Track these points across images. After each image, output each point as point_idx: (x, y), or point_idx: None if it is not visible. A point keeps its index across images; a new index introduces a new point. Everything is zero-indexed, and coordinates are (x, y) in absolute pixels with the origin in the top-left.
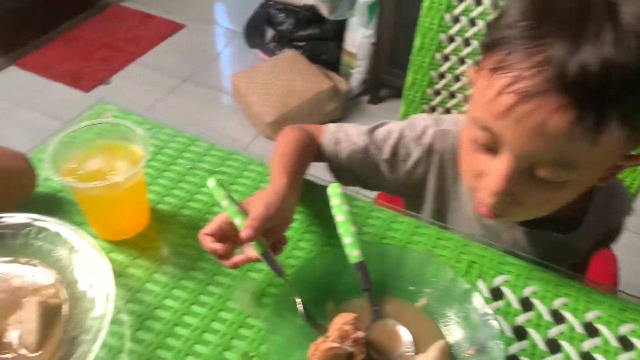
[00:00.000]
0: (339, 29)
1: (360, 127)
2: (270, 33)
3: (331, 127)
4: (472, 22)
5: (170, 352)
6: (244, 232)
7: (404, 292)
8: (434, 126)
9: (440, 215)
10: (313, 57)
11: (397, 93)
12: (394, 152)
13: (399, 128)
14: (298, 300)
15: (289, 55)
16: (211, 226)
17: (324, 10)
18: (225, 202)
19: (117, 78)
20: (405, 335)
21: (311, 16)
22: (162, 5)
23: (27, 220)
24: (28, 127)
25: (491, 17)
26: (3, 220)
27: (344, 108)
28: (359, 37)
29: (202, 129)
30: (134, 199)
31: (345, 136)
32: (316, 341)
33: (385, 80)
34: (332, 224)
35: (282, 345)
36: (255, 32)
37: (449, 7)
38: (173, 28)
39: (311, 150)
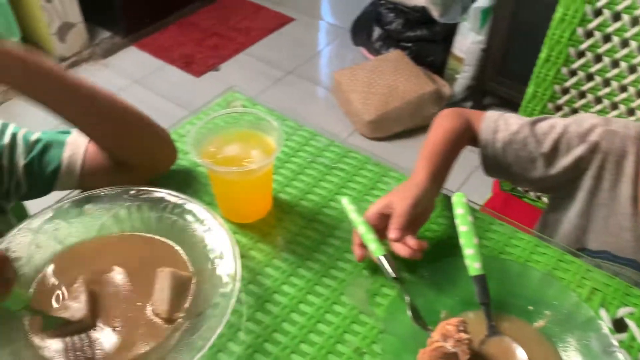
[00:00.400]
0: (448, 32)
1: (522, 117)
2: (377, 32)
3: (492, 114)
4: (607, 38)
5: (285, 337)
6: (393, 234)
7: (522, 311)
8: (603, 125)
9: (587, 216)
10: (418, 58)
11: (501, 102)
12: (555, 146)
13: (563, 123)
14: (407, 298)
15: (394, 55)
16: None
17: (435, 13)
18: (361, 228)
19: (225, 66)
20: (521, 354)
21: (421, 17)
22: None
23: (165, 196)
24: (143, 106)
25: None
26: (144, 193)
27: None
28: (468, 42)
29: (301, 122)
30: (262, 186)
31: (505, 125)
32: (424, 348)
33: (491, 88)
34: (452, 232)
35: (396, 346)
36: (362, 30)
37: (583, 21)
38: (282, 21)
39: (465, 137)
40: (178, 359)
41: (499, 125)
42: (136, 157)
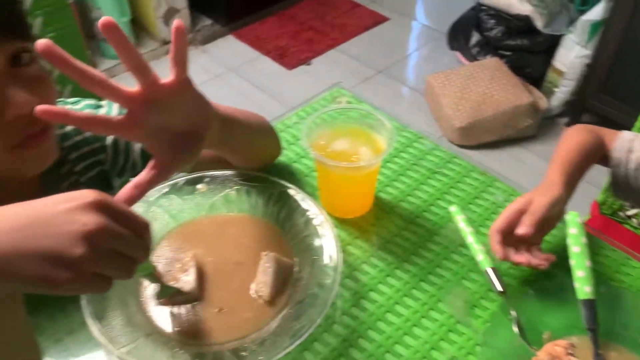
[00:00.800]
0: (551, 43)
1: None
2: (475, 38)
3: (627, 134)
4: None
5: (380, 336)
6: (523, 230)
7: (632, 342)
8: None
9: None
10: (516, 68)
11: (601, 121)
12: None
13: None
14: (513, 312)
15: (491, 62)
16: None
17: (539, 22)
18: (470, 238)
19: (317, 61)
20: None
21: (523, 26)
22: None
23: (273, 183)
24: (237, 93)
25: None
26: (254, 179)
27: (539, 126)
28: (572, 55)
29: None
30: (367, 184)
31: None
32: None
33: (591, 105)
34: (562, 251)
35: None
36: (459, 34)
37: None
38: (377, 20)
39: (597, 153)
40: (277, 342)
41: (634, 145)
42: (252, 163)
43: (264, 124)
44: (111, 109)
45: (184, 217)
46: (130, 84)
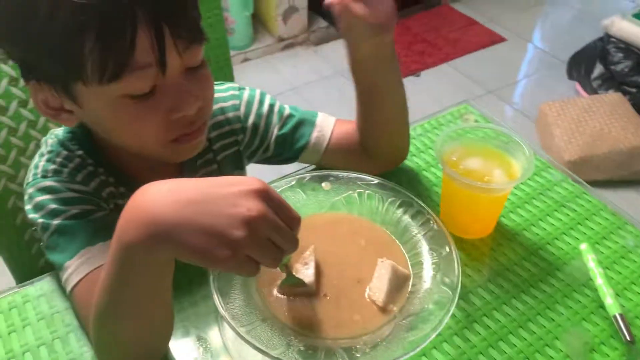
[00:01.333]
0: None
1: None
2: (598, 70)
3: None
4: None
5: None
6: None
7: None
8: None
9: None
10: None
11: None
12: None
13: None
14: None
15: (613, 98)
16: None
17: None
18: (600, 280)
19: (427, 73)
20: None
21: None
22: (489, 14)
23: (397, 191)
24: (343, 96)
25: None
26: (378, 184)
27: None
28: None
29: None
30: (494, 207)
31: None
32: None
33: None
34: None
35: None
36: (581, 64)
37: None
38: (494, 39)
39: None
40: (390, 349)
41: None
42: (384, 148)
43: (407, 120)
44: (254, 92)
45: (305, 211)
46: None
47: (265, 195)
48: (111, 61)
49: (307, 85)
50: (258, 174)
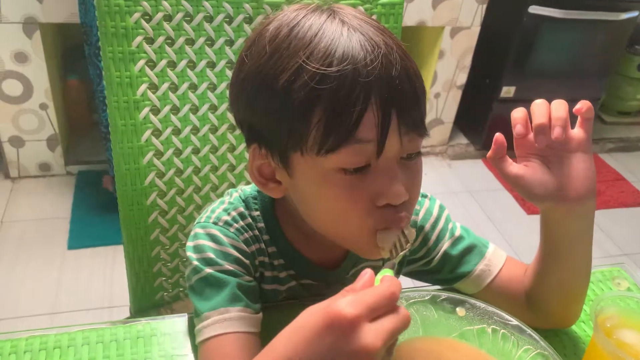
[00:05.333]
0: None
1: None
2: None
3: None
4: None
5: None
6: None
7: None
8: None
9: None
10: None
11: None
12: None
13: None
14: None
15: None
16: None
17: None
18: None
19: None
20: None
21: None
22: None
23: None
24: (467, 215)
25: None
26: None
27: None
28: None
29: None
30: None
31: None
32: None
33: None
34: None
35: None
36: None
37: None
38: (638, 201)
39: None
40: None
41: None
42: (553, 307)
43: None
44: (435, 202)
45: (433, 332)
46: None
47: (356, 322)
48: (334, 134)
49: (433, 195)
50: None
